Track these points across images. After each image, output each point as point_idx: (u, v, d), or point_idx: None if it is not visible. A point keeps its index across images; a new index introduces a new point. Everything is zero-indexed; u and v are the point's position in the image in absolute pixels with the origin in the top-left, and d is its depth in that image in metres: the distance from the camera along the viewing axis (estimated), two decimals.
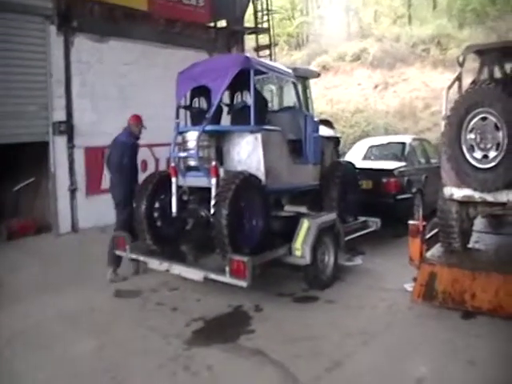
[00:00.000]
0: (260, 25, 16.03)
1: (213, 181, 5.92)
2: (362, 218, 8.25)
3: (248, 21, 16.36)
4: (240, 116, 6.78)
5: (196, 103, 7.02)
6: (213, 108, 6.08)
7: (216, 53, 13.25)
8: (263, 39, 16.31)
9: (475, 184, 5.57)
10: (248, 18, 16.37)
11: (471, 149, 5.55)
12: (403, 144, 10.64)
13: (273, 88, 8.60)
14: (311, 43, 30.33)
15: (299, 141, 7.36)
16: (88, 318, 5.96)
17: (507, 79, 6.61)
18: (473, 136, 5.53)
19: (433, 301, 5.77)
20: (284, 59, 25.53)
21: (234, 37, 14.40)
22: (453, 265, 5.85)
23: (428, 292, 5.81)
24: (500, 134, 5.32)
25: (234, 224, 5.60)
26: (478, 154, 5.51)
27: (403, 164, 9.88)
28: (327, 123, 9.55)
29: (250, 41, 16.89)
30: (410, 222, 6.20)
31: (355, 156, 10.75)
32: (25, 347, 5.16)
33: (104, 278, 7.20)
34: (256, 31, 15.81)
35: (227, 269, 5.39)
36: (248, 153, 6.34)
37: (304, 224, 6.36)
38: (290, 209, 7.34)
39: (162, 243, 6.66)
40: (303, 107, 7.54)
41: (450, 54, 21.57)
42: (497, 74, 6.56)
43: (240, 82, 6.46)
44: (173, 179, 6.43)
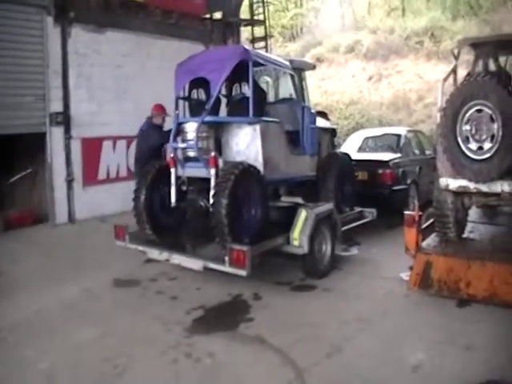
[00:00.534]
0: (255, 17, 16.04)
1: (212, 171, 5.99)
2: (358, 209, 8.36)
3: (243, 12, 16.34)
4: (238, 107, 6.84)
5: (195, 95, 7.06)
6: (212, 99, 6.13)
7: (212, 44, 13.27)
8: (258, 31, 16.33)
9: (470, 175, 5.67)
10: (243, 10, 16.35)
11: (466, 140, 5.64)
12: (398, 136, 10.74)
13: (268, 79, 8.65)
14: (305, 35, 30.23)
15: (297, 132, 7.45)
16: (89, 307, 6.02)
17: (502, 72, 6.70)
18: (468, 127, 5.62)
19: (429, 289, 5.88)
20: (279, 51, 25.51)
21: (230, 28, 14.40)
22: (448, 254, 5.97)
23: (424, 280, 5.92)
24: (495, 126, 5.43)
25: (234, 214, 5.67)
26: (473, 146, 5.61)
27: (398, 155, 9.99)
28: (322, 115, 9.62)
29: (246, 32, 16.90)
30: (406, 212, 6.30)
31: (350, 147, 10.83)
32: (27, 335, 5.22)
33: (103, 267, 7.25)
34: (251, 23, 15.81)
35: (227, 258, 5.46)
36: (247, 144, 6.41)
37: (302, 214, 6.45)
38: (287, 199, 7.42)
39: (162, 233, 6.71)
40: (300, 99, 7.61)
41: (444, 46, 21.60)
42: (491, 67, 6.64)
43: (238, 74, 6.52)
44: (172, 170, 6.48)
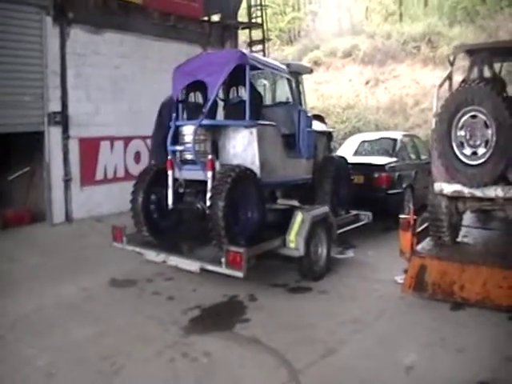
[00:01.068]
0: (253, 20, 16.11)
1: (209, 174, 6.04)
2: (354, 212, 8.43)
3: (241, 15, 16.42)
4: (235, 111, 6.90)
5: (192, 98, 7.11)
6: (209, 103, 6.18)
7: (209, 47, 13.33)
8: (256, 34, 16.40)
9: (464, 179, 5.74)
10: (241, 13, 16.42)
11: (461, 145, 5.71)
12: (394, 140, 10.82)
13: (265, 83, 8.72)
14: (303, 39, 30.35)
15: (293, 135, 7.52)
16: (86, 306, 6.07)
17: (496, 78, 6.79)
18: (463, 133, 5.70)
19: (423, 292, 5.95)
20: (276, 54, 25.61)
21: (228, 31, 14.45)
22: (442, 257, 6.03)
23: (418, 284, 5.98)
24: (489, 132, 5.50)
25: (230, 216, 5.74)
26: (468, 151, 5.68)
27: (394, 159, 10.07)
28: (319, 118, 9.69)
29: (243, 35, 16.96)
30: (401, 216, 6.37)
31: (347, 151, 10.90)
32: (26, 333, 5.28)
33: (100, 267, 7.30)
34: (249, 26, 15.89)
35: (223, 260, 5.52)
36: (243, 147, 6.47)
37: (298, 217, 6.52)
38: (283, 202, 7.48)
39: (159, 235, 6.77)
40: (297, 102, 7.68)
41: (441, 52, 21.73)
42: (486, 74, 6.72)
43: (235, 78, 6.61)
44: (169, 172, 6.54)
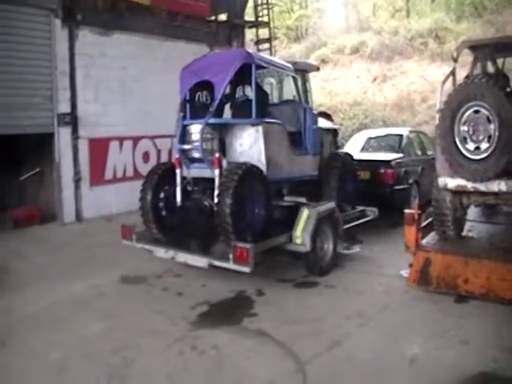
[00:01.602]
0: (260, 18, 16.20)
1: (216, 172, 6.15)
2: (360, 208, 8.50)
3: (248, 14, 16.51)
4: (242, 109, 6.99)
5: (199, 97, 7.21)
6: (216, 102, 6.28)
7: (216, 46, 13.44)
8: (263, 32, 16.49)
9: (468, 174, 5.82)
10: (248, 12, 16.51)
11: (464, 140, 5.78)
12: (400, 136, 10.87)
13: (272, 81, 8.80)
14: (310, 36, 30.38)
15: (299, 132, 7.60)
16: (97, 302, 6.19)
17: (499, 74, 6.85)
18: (466, 128, 5.76)
19: (427, 286, 6.04)
20: (283, 52, 25.68)
21: (235, 30, 14.57)
22: (447, 251, 6.12)
23: (423, 277, 6.07)
24: (492, 127, 5.56)
25: (237, 212, 5.84)
26: (471, 146, 5.74)
27: (400, 155, 10.13)
28: (326, 115, 9.77)
29: (250, 34, 17.04)
30: (406, 211, 6.44)
31: (353, 147, 10.98)
32: (38, 328, 5.40)
33: (110, 265, 7.44)
34: (256, 25, 15.98)
35: (231, 255, 5.62)
36: (250, 144, 6.58)
37: (304, 213, 6.61)
38: (290, 199, 7.57)
39: (167, 232, 6.89)
40: (303, 100, 7.76)
41: (448, 48, 21.67)
42: (489, 69, 6.78)
43: (242, 77, 6.70)
44: (177, 170, 6.66)
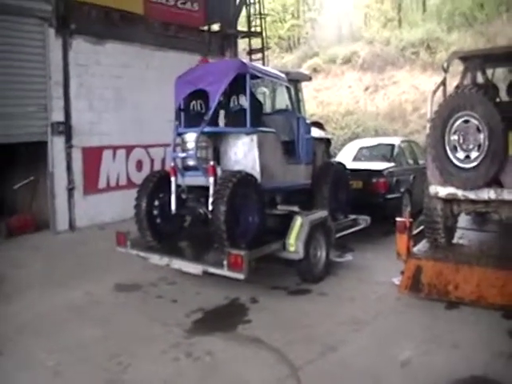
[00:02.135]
0: (253, 28, 16.31)
1: (211, 180, 6.20)
2: (353, 216, 8.58)
3: (240, 24, 16.63)
4: (236, 118, 7.07)
5: (193, 106, 7.28)
6: (211, 111, 6.36)
7: (209, 56, 13.53)
8: (256, 42, 16.61)
9: (458, 182, 5.92)
10: (240, 22, 16.63)
11: (454, 149, 5.89)
12: (392, 145, 10.99)
13: (265, 90, 8.90)
14: (302, 46, 30.57)
15: (292, 142, 7.69)
16: (92, 310, 6.23)
17: (489, 84, 6.99)
18: (456, 137, 5.87)
19: (419, 292, 6.12)
20: (275, 61, 25.81)
21: (228, 40, 14.69)
22: (438, 259, 6.21)
23: (414, 284, 6.16)
24: (481, 136, 5.68)
25: (232, 220, 5.90)
26: (461, 155, 5.85)
27: (392, 165, 10.22)
28: (318, 125, 9.86)
29: (243, 44, 17.15)
30: (398, 219, 6.53)
31: (346, 157, 11.06)
32: (34, 336, 5.43)
33: (104, 272, 7.47)
34: (249, 35, 16.09)
35: (225, 262, 5.67)
36: (244, 153, 6.66)
37: (297, 221, 6.68)
38: (283, 207, 7.64)
39: (162, 239, 6.94)
40: (296, 110, 7.86)
41: (439, 58, 21.86)
42: (479, 79, 6.91)
43: (236, 86, 6.78)
44: (172, 178, 6.70)
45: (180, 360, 4.79)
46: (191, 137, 6.47)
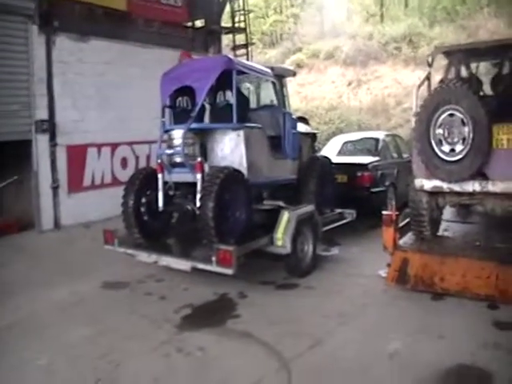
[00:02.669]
0: (237, 24, 16.31)
1: (198, 176, 6.21)
2: (339, 210, 8.65)
3: (224, 20, 16.60)
4: (222, 114, 7.08)
5: (180, 103, 7.29)
6: (197, 107, 6.37)
7: (193, 52, 13.50)
8: (239, 38, 16.60)
9: (443, 175, 6.02)
10: (224, 18, 16.61)
11: (439, 143, 5.97)
12: (376, 140, 11.08)
13: (249, 86, 8.91)
14: (285, 41, 30.60)
15: (278, 137, 7.72)
16: (80, 308, 6.22)
17: (473, 78, 7.09)
18: (441, 131, 5.96)
19: (405, 284, 6.20)
20: (258, 57, 25.79)
21: (211, 36, 14.64)
22: (423, 251, 6.31)
23: (401, 276, 6.24)
24: (466, 129, 5.77)
25: (220, 216, 5.92)
26: (446, 148, 5.94)
27: (377, 159, 10.32)
28: (303, 120, 9.92)
29: (226, 40, 17.14)
30: (384, 213, 6.60)
31: (330, 151, 11.12)
32: (23, 335, 5.40)
33: (90, 271, 7.46)
34: (233, 31, 16.08)
35: (214, 258, 5.71)
36: (231, 149, 6.69)
37: (284, 216, 6.73)
38: (270, 202, 7.67)
39: (150, 236, 6.93)
40: (281, 105, 7.89)
41: (422, 52, 22.05)
42: (463, 73, 7.00)
43: (222, 82, 6.80)
44: (159, 175, 6.69)
45: (171, 356, 4.81)
46: (178, 134, 6.48)
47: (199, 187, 6.11)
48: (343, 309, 5.82)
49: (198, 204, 5.96)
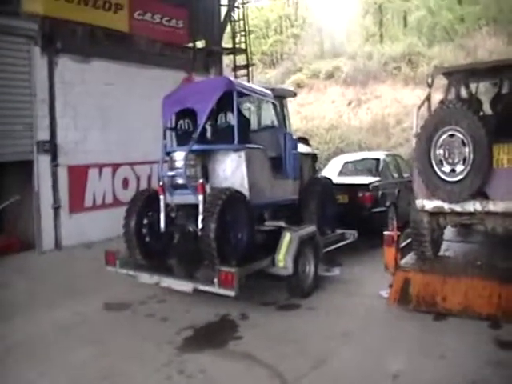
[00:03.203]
0: (237, 45, 16.45)
1: (200, 197, 6.24)
2: (340, 231, 8.65)
3: (225, 40, 16.75)
4: (224, 135, 7.10)
5: (181, 125, 7.33)
6: (199, 129, 6.42)
7: (194, 73, 13.61)
8: (240, 58, 16.74)
9: (444, 195, 6.04)
10: (225, 38, 16.76)
11: (440, 163, 6.01)
12: (377, 160, 11.09)
13: (250, 107, 8.96)
14: (285, 61, 30.89)
15: (279, 157, 7.74)
16: (82, 330, 6.18)
17: (472, 98, 7.14)
18: (441, 151, 5.99)
19: (407, 305, 6.19)
20: (259, 77, 26.00)
21: (213, 57, 14.79)
22: (425, 271, 6.31)
23: (403, 297, 6.24)
24: (466, 150, 5.81)
25: (222, 237, 5.93)
26: (447, 168, 5.97)
27: (377, 179, 10.33)
28: (304, 140, 9.96)
29: (227, 60, 17.28)
30: (385, 233, 6.61)
31: (331, 172, 11.13)
32: (25, 357, 5.37)
33: (92, 292, 7.44)
34: (234, 51, 16.22)
35: (216, 280, 5.69)
36: (232, 170, 6.71)
37: (286, 237, 6.72)
38: (271, 223, 7.68)
39: (151, 258, 6.93)
40: (282, 126, 7.94)
41: (421, 71, 22.27)
42: (463, 94, 7.05)
43: (223, 104, 6.85)
44: (161, 197, 6.72)
45: (172, 378, 4.78)
46: (180, 155, 6.52)
47: (201, 209, 6.13)
48: (345, 329, 5.80)
49: (200, 225, 5.97)
